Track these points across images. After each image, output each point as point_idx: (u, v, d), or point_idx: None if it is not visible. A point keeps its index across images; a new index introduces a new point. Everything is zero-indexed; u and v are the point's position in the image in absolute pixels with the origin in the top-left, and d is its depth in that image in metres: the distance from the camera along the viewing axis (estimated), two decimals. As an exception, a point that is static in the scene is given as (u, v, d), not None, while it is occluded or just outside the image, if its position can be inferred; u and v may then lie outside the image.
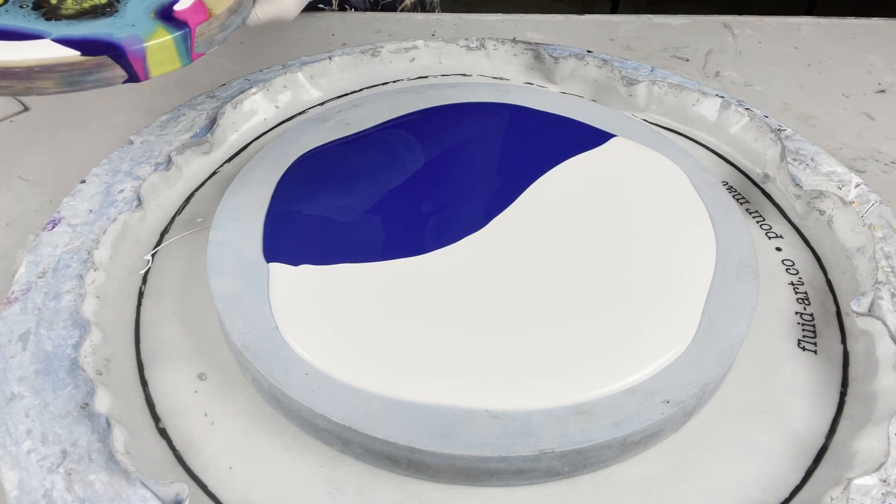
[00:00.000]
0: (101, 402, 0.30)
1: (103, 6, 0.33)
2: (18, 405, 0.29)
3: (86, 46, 0.31)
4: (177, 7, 0.33)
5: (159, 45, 0.32)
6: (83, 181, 0.40)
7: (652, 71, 0.50)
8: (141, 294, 0.37)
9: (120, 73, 0.31)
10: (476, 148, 0.42)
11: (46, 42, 0.31)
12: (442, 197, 0.39)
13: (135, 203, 0.39)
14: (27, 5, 0.33)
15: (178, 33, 0.32)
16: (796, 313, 0.36)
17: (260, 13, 0.37)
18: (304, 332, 0.32)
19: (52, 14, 0.32)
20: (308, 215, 0.38)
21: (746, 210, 0.42)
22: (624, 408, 0.29)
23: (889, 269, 0.35)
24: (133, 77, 0.32)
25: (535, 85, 0.52)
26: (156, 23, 0.32)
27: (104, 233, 0.37)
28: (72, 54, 0.30)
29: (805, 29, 0.65)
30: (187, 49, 0.33)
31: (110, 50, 0.31)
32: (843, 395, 0.33)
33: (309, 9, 0.60)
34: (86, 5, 0.33)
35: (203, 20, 0.33)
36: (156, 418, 0.31)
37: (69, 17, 0.32)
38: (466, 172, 0.41)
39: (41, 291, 0.34)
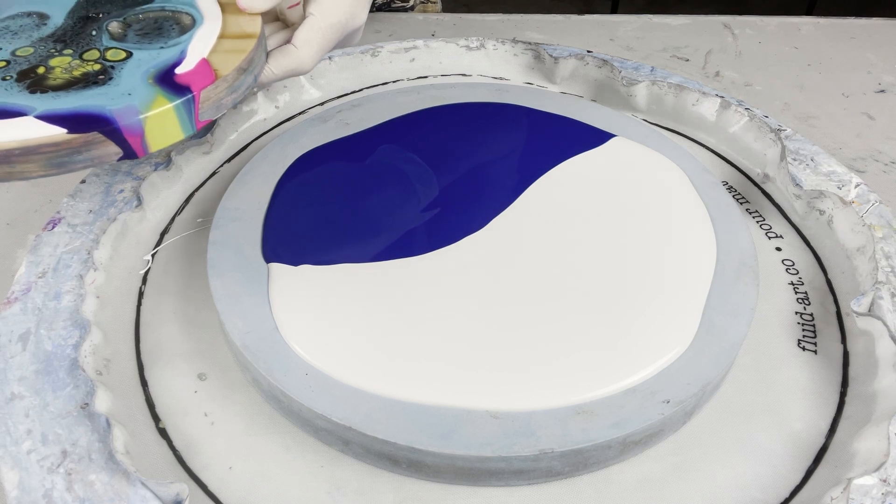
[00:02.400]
0: (101, 402, 0.30)
1: (96, 73, 0.29)
2: (18, 405, 0.29)
3: (73, 122, 0.27)
4: (178, 70, 0.29)
5: (159, 116, 0.28)
6: (83, 181, 0.40)
7: (652, 71, 0.50)
8: (141, 294, 0.37)
9: (114, 149, 0.27)
10: (476, 148, 0.42)
11: (28, 119, 0.27)
12: (441, 197, 0.39)
13: (135, 203, 0.39)
14: (10, 77, 0.29)
15: (179, 100, 0.28)
16: (796, 313, 0.36)
17: (275, 68, 0.34)
18: (303, 332, 0.32)
19: (37, 86, 0.28)
20: (308, 215, 0.38)
21: (746, 210, 0.42)
22: (624, 408, 0.29)
23: (889, 269, 0.35)
24: (129, 153, 0.28)
25: (535, 85, 0.52)
26: (155, 89, 0.28)
27: (104, 233, 0.37)
28: (57, 132, 0.26)
29: (805, 29, 0.65)
30: (191, 117, 0.29)
31: (101, 124, 0.27)
32: (843, 395, 0.33)
33: None
34: (76, 73, 0.29)
35: (209, 83, 0.29)
36: (156, 418, 0.31)
37: (57, 88, 0.28)
38: (466, 172, 0.41)
39: (41, 291, 0.34)
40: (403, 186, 0.39)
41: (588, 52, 0.51)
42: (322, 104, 0.49)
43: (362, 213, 0.38)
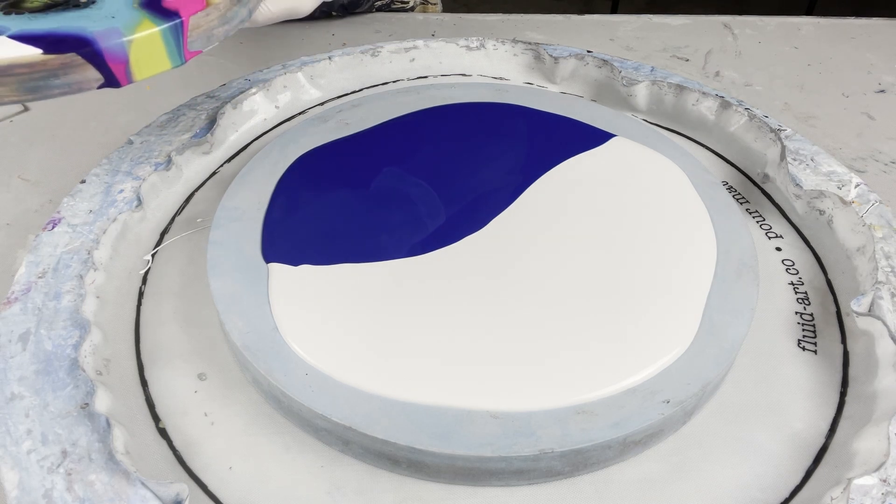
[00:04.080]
0: (101, 402, 0.30)
1: None
2: (18, 405, 0.29)
3: (50, 42, 0.25)
4: None
5: (144, 40, 0.26)
6: (83, 181, 0.40)
7: (652, 71, 0.50)
8: (141, 294, 0.37)
9: (94, 75, 0.25)
10: (476, 148, 0.42)
11: (1, 39, 0.25)
12: (441, 197, 0.39)
13: (135, 203, 0.39)
14: None
15: (167, 24, 0.26)
16: (796, 313, 0.36)
17: (272, 6, 0.32)
18: (303, 332, 0.32)
19: (12, 8, 0.26)
20: (308, 215, 0.38)
21: (746, 210, 0.42)
22: (624, 408, 0.29)
23: (889, 269, 0.35)
24: (111, 80, 0.26)
25: (535, 85, 0.52)
26: (140, 13, 0.26)
27: (104, 233, 0.37)
28: (32, 53, 0.24)
29: (805, 29, 0.65)
30: (179, 46, 0.27)
31: (81, 46, 0.25)
32: (843, 395, 0.33)
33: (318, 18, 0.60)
34: None
35: (199, 9, 0.27)
36: (156, 418, 0.31)
37: (35, 11, 0.26)
38: (466, 172, 0.41)
39: (41, 291, 0.34)
40: (403, 186, 0.39)
41: (588, 52, 0.51)
42: (322, 104, 0.49)
43: (362, 213, 0.38)
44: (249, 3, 0.30)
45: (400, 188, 0.39)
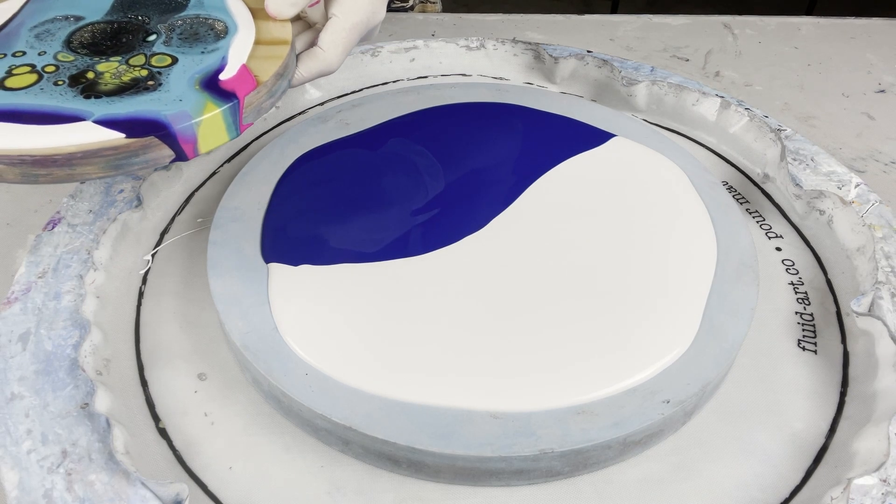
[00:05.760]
0: (101, 402, 0.30)
1: (145, 79, 0.30)
2: (18, 405, 0.29)
3: (131, 127, 0.28)
4: (222, 76, 0.31)
5: (209, 120, 0.29)
6: (83, 181, 0.40)
7: (652, 71, 0.50)
8: (141, 294, 0.37)
9: (167, 152, 0.29)
10: (476, 148, 0.42)
11: (88, 124, 0.28)
12: (442, 197, 0.39)
13: (135, 203, 0.39)
14: (63, 82, 0.30)
15: (227, 106, 0.29)
16: (796, 313, 0.36)
17: (304, 71, 0.35)
18: (303, 332, 0.32)
19: (90, 91, 0.29)
20: (307, 215, 0.38)
21: (746, 210, 0.42)
22: (624, 408, 0.29)
23: (889, 269, 0.35)
24: (181, 156, 0.29)
25: (535, 85, 0.52)
26: (203, 95, 0.29)
27: (104, 233, 0.37)
28: (116, 137, 0.27)
29: (805, 29, 0.65)
30: (236, 121, 0.30)
31: (157, 129, 0.28)
32: (843, 395, 0.33)
33: None
34: (125, 79, 0.30)
35: (251, 89, 0.30)
36: (156, 418, 0.31)
37: (109, 94, 0.29)
38: (466, 172, 0.41)
39: (41, 291, 0.34)
40: (403, 186, 0.39)
41: (588, 52, 0.51)
42: (322, 104, 0.49)
43: (362, 213, 0.38)
44: (289, 74, 0.34)
45: (400, 188, 0.39)
